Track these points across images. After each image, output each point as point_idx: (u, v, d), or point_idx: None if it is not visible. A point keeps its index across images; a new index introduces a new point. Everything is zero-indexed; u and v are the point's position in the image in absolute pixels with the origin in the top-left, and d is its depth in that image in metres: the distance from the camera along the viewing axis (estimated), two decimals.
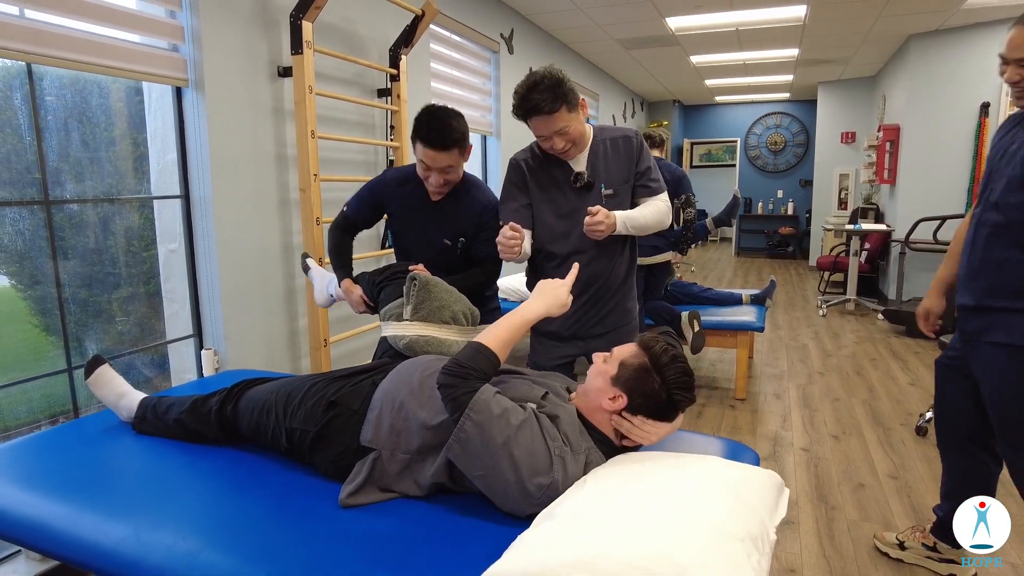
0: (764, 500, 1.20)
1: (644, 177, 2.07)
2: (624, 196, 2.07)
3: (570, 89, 1.90)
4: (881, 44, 6.71)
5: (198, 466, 1.59)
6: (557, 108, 1.88)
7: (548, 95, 1.86)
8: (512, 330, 1.41)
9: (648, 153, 2.10)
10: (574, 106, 1.92)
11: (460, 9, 4.39)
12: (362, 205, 2.26)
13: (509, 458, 1.22)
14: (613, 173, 2.06)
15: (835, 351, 5.03)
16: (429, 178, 2.03)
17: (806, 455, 3.06)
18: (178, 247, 2.66)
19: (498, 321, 1.43)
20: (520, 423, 1.26)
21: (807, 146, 11.06)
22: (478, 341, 1.37)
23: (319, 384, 1.55)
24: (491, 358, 1.35)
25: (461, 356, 1.34)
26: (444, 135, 1.94)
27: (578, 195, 2.05)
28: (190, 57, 2.48)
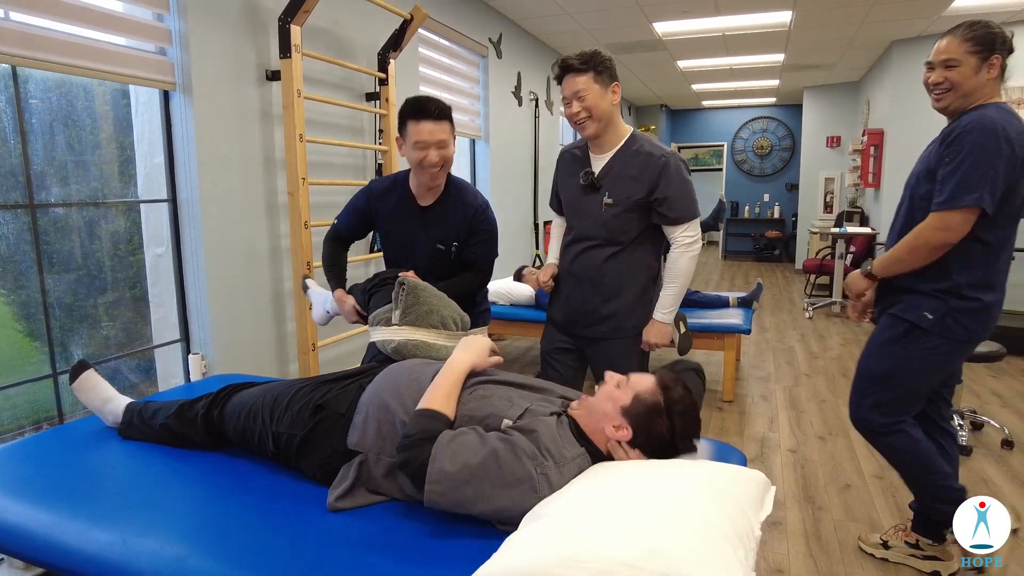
0: (749, 497, 1.21)
1: (663, 204, 2.05)
2: (629, 212, 2.08)
3: (604, 62, 2.02)
4: (865, 50, 6.79)
5: (184, 471, 1.58)
6: (584, 71, 2.00)
7: (582, 57, 2.01)
8: (449, 385, 1.42)
9: (676, 179, 2.05)
10: (603, 79, 2.02)
11: (448, 13, 4.40)
12: (351, 218, 2.26)
13: (488, 501, 1.21)
14: (622, 187, 2.08)
15: (821, 353, 5.07)
16: (427, 158, 2.00)
17: (793, 456, 3.08)
18: (165, 251, 2.64)
19: (433, 383, 1.42)
20: (484, 461, 1.22)
21: (793, 150, 11.16)
22: (419, 407, 1.36)
23: (306, 388, 1.55)
24: (436, 416, 1.33)
25: (408, 429, 1.31)
26: (436, 104, 2.00)
27: (582, 191, 2.16)
28: (177, 60, 2.47)
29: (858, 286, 2.00)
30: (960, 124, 1.75)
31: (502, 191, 5.41)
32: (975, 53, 1.77)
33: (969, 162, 1.69)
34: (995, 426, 3.29)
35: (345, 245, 2.31)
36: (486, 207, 2.22)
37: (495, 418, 1.37)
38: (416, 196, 2.17)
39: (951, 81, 1.80)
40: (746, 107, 11.43)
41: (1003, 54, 1.78)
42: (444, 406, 1.36)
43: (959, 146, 1.71)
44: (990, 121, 1.70)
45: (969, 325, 1.82)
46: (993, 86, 1.81)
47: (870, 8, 5.16)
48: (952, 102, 1.83)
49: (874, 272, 1.93)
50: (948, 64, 1.80)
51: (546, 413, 1.40)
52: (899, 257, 1.85)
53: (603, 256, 2.14)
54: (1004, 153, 1.68)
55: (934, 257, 1.79)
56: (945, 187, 1.73)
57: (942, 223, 1.74)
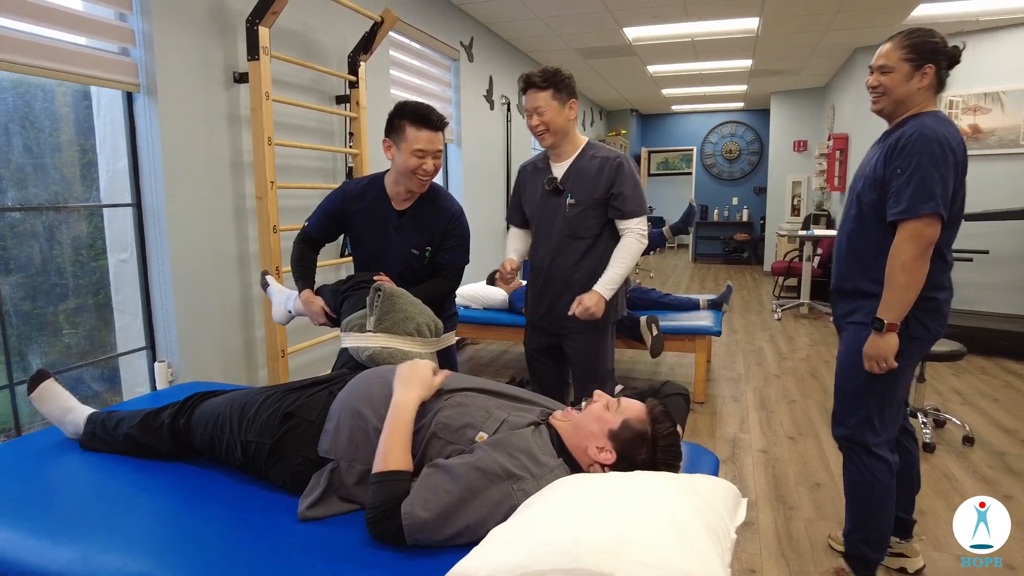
0: (725, 504, 1.22)
1: (617, 199, 2.29)
2: (591, 210, 2.32)
3: (564, 80, 2.22)
4: (829, 56, 6.94)
5: (149, 482, 1.53)
6: (545, 88, 2.20)
7: (543, 74, 2.20)
8: (401, 436, 1.31)
9: (628, 178, 2.28)
10: (561, 96, 2.23)
11: (420, 17, 4.38)
12: (322, 220, 2.23)
13: (471, 532, 1.18)
14: (584, 187, 2.31)
15: (790, 354, 5.15)
16: (423, 166, 2.01)
17: (764, 456, 3.12)
18: (130, 256, 2.58)
19: (384, 434, 1.31)
20: (459, 497, 1.18)
21: (761, 154, 11.35)
22: (376, 471, 1.26)
23: (275, 396, 1.52)
24: (396, 476, 1.24)
25: (371, 499, 1.22)
26: (437, 114, 2.02)
27: (547, 197, 2.37)
28: (141, 61, 2.41)
29: (890, 348, 1.79)
30: (905, 134, 1.77)
31: (474, 195, 5.40)
32: (908, 60, 1.79)
33: (921, 171, 1.71)
34: (956, 423, 3.38)
35: (315, 248, 2.28)
36: (461, 213, 2.22)
37: (472, 429, 1.35)
38: (392, 200, 2.15)
39: (884, 86, 1.83)
40: (715, 112, 11.59)
41: (938, 64, 1.79)
42: (401, 461, 1.27)
43: (909, 156, 1.73)
44: (932, 131, 1.73)
45: (929, 324, 1.85)
46: (926, 95, 1.82)
47: (834, 15, 5.27)
48: (885, 106, 1.86)
49: (892, 320, 1.78)
50: (883, 69, 1.83)
51: (524, 424, 1.39)
52: (901, 284, 1.75)
53: (575, 256, 2.36)
54: (950, 162, 1.72)
55: (926, 265, 1.75)
56: (901, 197, 1.74)
57: (911, 232, 1.73)
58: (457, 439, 1.34)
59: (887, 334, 1.78)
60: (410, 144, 1.98)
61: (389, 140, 2.05)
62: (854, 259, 1.92)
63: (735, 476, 2.91)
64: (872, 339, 1.82)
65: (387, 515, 1.19)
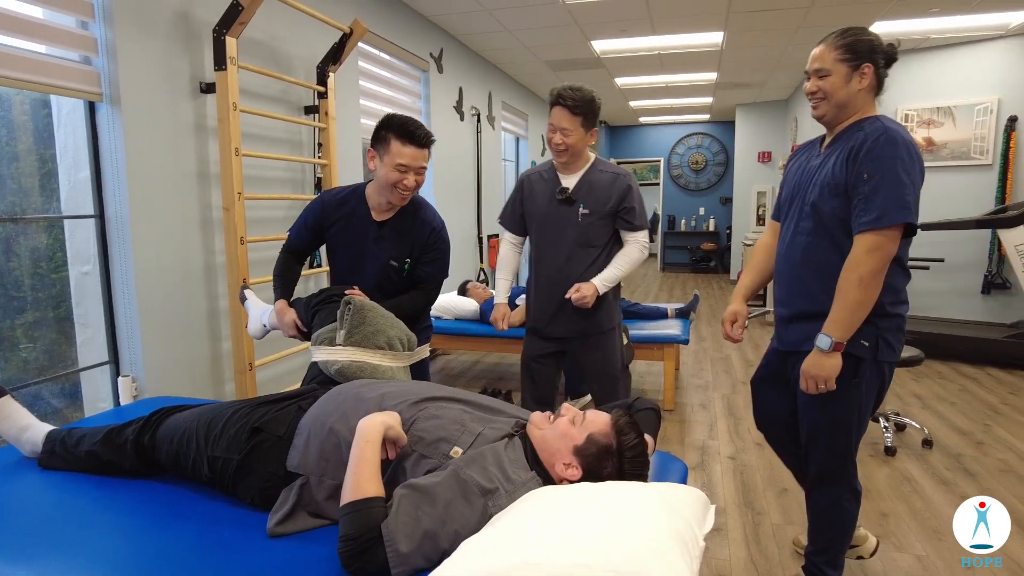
0: (694, 512, 1.24)
1: (627, 213, 2.45)
2: (602, 220, 2.45)
3: (595, 111, 2.36)
4: (792, 70, 7.12)
5: (112, 500, 1.50)
6: (576, 114, 2.31)
7: (580, 101, 2.30)
8: (369, 457, 1.25)
9: (636, 195, 2.46)
10: (588, 124, 2.37)
11: (389, 28, 4.38)
12: (302, 231, 2.22)
13: (449, 552, 1.14)
14: (596, 199, 2.44)
15: (757, 361, 5.22)
16: (403, 181, 2.01)
17: (732, 463, 3.17)
18: (92, 269, 2.52)
19: (353, 460, 1.25)
20: (438, 520, 1.15)
21: (727, 165, 11.56)
22: (346, 500, 1.19)
23: (242, 411, 1.50)
24: (369, 504, 1.18)
25: (344, 530, 1.16)
26: (424, 131, 2.02)
27: (557, 206, 2.46)
28: (104, 70, 2.37)
29: (832, 368, 1.67)
30: (869, 136, 1.64)
31: (445, 205, 5.41)
32: (844, 61, 1.69)
33: (893, 177, 1.59)
34: (916, 427, 3.47)
35: (300, 259, 2.27)
36: (443, 227, 2.23)
37: (446, 444, 1.34)
38: (373, 210, 2.14)
39: (823, 90, 1.73)
40: (682, 123, 11.78)
41: (876, 63, 1.69)
42: (373, 488, 1.21)
43: (877, 160, 1.60)
44: (898, 135, 1.62)
45: (895, 343, 1.74)
46: (867, 97, 1.73)
47: (795, 31, 5.42)
48: (827, 112, 1.76)
49: (839, 339, 1.65)
50: (819, 73, 1.73)
51: (498, 437, 1.38)
52: (855, 300, 1.62)
53: (586, 262, 2.46)
54: (917, 168, 1.63)
55: (882, 281, 1.63)
56: (871, 205, 1.60)
57: (875, 244, 1.60)
58: (432, 453, 1.33)
59: (832, 354, 1.65)
60: (393, 158, 1.98)
61: (374, 151, 2.05)
62: (814, 276, 1.76)
63: (704, 483, 2.95)
64: (815, 357, 1.68)
65: (366, 549, 1.12)
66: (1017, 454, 3.23)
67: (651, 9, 4.79)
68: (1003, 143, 5.51)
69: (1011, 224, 4.77)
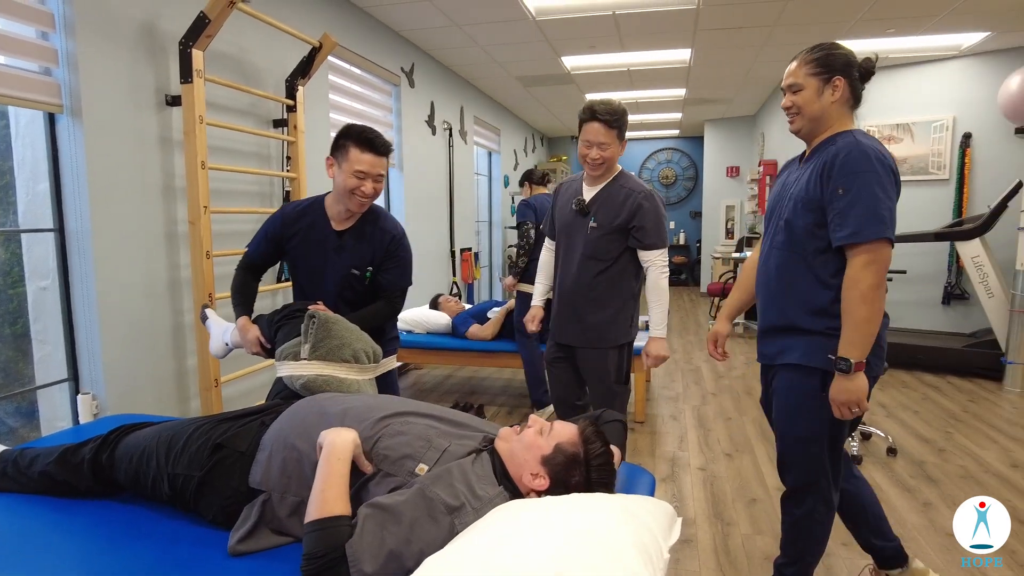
0: (660, 524, 1.24)
1: (638, 232, 2.43)
2: (610, 236, 2.44)
3: (626, 123, 2.40)
4: (758, 86, 7.29)
5: (67, 522, 1.45)
6: (613, 126, 2.34)
7: (613, 114, 2.33)
8: (336, 474, 1.22)
9: (649, 213, 2.41)
10: (622, 136, 2.40)
11: (360, 42, 4.39)
12: (262, 244, 2.19)
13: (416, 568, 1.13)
14: (607, 213, 2.44)
15: (726, 372, 5.30)
16: (361, 187, 2.03)
17: (702, 474, 3.19)
18: (51, 284, 2.46)
19: (319, 477, 1.22)
20: (403, 539, 1.13)
21: (696, 180, 11.74)
22: (311, 518, 1.16)
23: (204, 427, 1.47)
24: (334, 522, 1.16)
25: (308, 548, 1.13)
26: (382, 139, 2.05)
27: (574, 215, 2.50)
28: (65, 81, 2.33)
29: (860, 389, 1.64)
30: (841, 151, 1.63)
31: (417, 219, 5.40)
32: (815, 75, 1.71)
33: (868, 192, 1.58)
34: (881, 435, 3.54)
35: (257, 274, 2.24)
36: (403, 235, 2.24)
37: (411, 461, 1.32)
38: (332, 220, 2.14)
39: (796, 105, 1.75)
40: (652, 139, 11.95)
41: (849, 76, 1.71)
42: (340, 506, 1.18)
43: (851, 176, 1.60)
44: (872, 149, 1.62)
45: (872, 359, 1.69)
46: (842, 110, 1.74)
47: (760, 49, 5.55)
48: (803, 126, 1.77)
49: (858, 359, 1.62)
50: (792, 88, 1.76)
51: (464, 453, 1.37)
52: (862, 318, 1.61)
53: (591, 274, 2.47)
54: (892, 181, 1.63)
55: (883, 293, 1.62)
56: (846, 220, 1.60)
57: (867, 258, 1.59)
58: (396, 471, 1.31)
59: (855, 375, 1.62)
60: (351, 164, 2.00)
61: (332, 159, 2.08)
62: (785, 292, 1.77)
63: (675, 494, 2.96)
64: (840, 382, 1.64)
65: (332, 564, 1.10)
66: (976, 460, 3.31)
67: (619, 26, 4.87)
68: (959, 159, 5.69)
69: (967, 236, 4.92)
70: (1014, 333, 4.59)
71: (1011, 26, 4.91)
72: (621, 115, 2.36)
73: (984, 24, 4.90)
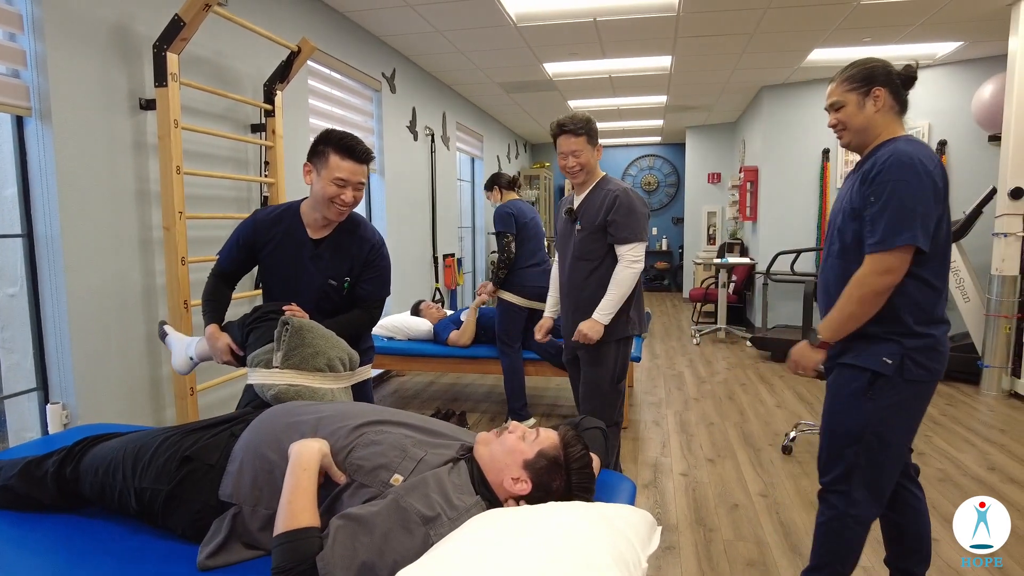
0: (638, 534, 1.22)
1: (611, 226, 2.55)
2: (593, 235, 2.59)
3: (593, 128, 2.56)
4: (738, 93, 7.35)
5: (29, 538, 1.40)
6: (580, 134, 2.52)
7: (578, 123, 2.52)
8: (304, 485, 1.20)
9: (621, 207, 2.53)
10: (593, 141, 2.56)
11: (340, 47, 4.35)
12: (233, 251, 2.13)
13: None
14: (589, 216, 2.60)
15: (709, 377, 5.31)
16: (341, 196, 1.97)
17: (685, 480, 3.18)
18: (19, 291, 2.40)
19: (287, 488, 1.20)
20: (376, 551, 1.10)
21: (678, 186, 11.81)
22: (280, 531, 1.14)
23: (172, 438, 1.43)
24: (303, 534, 1.13)
25: (275, 563, 1.10)
26: (363, 147, 2.00)
27: (568, 224, 2.70)
28: (33, 84, 2.28)
29: (812, 360, 1.81)
30: (877, 160, 1.69)
31: (398, 225, 5.36)
32: (854, 90, 1.78)
33: (896, 200, 1.63)
34: None
35: (230, 282, 2.19)
36: (382, 244, 2.19)
37: (386, 471, 1.29)
38: (308, 228, 2.09)
39: (841, 121, 1.82)
40: (633, 146, 12.01)
41: (887, 86, 1.75)
42: (308, 518, 1.16)
43: (882, 184, 1.65)
44: (907, 156, 1.65)
45: (927, 364, 1.71)
46: (887, 118, 1.77)
47: (739, 57, 5.59)
48: (851, 140, 1.83)
49: (826, 339, 1.77)
50: (834, 106, 1.83)
51: (440, 462, 1.34)
52: (850, 313, 1.71)
53: (583, 275, 2.63)
54: (928, 187, 1.64)
55: (883, 302, 1.69)
56: (876, 228, 1.66)
57: (880, 266, 1.66)
58: (371, 481, 1.28)
59: (817, 349, 1.80)
60: (331, 172, 1.94)
61: (311, 165, 2.01)
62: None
63: (657, 500, 2.95)
64: (803, 346, 1.83)
65: None
66: (954, 463, 3.34)
67: (600, 33, 4.88)
68: None
69: None
70: (990, 337, 4.65)
71: (984, 36, 5.00)
72: (585, 122, 2.53)
73: (958, 34, 4.98)
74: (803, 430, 3.71)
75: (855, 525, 1.82)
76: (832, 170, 6.62)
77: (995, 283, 4.59)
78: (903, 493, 1.94)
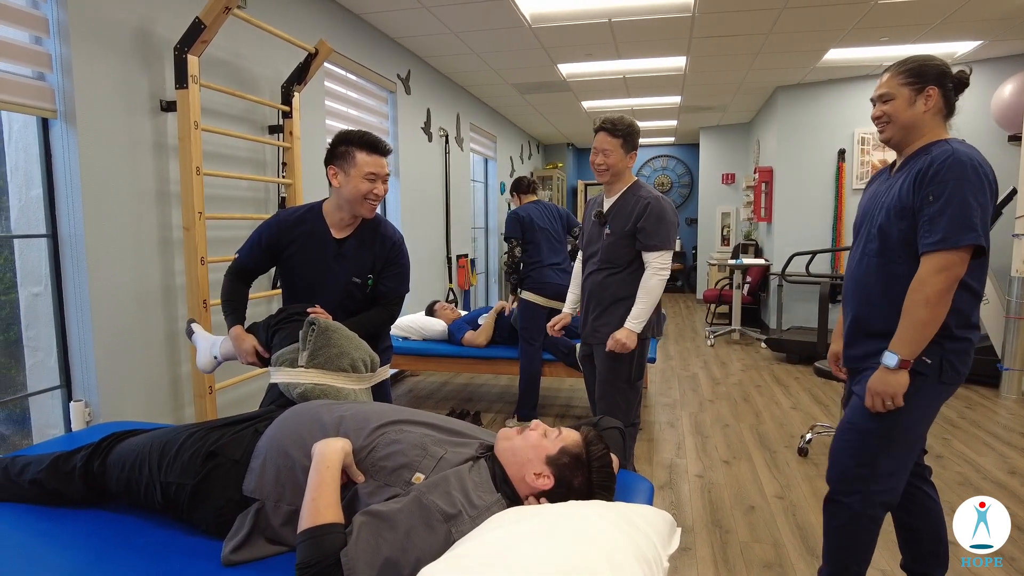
0: (659, 533, 1.23)
1: (640, 233, 2.57)
2: (622, 241, 2.60)
3: (633, 134, 2.60)
4: (753, 94, 7.31)
5: (58, 532, 1.43)
6: (616, 135, 2.55)
7: (619, 123, 2.56)
8: (328, 482, 1.22)
9: (651, 215, 2.54)
10: (628, 146, 2.59)
11: (356, 49, 4.38)
12: (255, 250, 2.16)
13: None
14: (619, 221, 2.61)
15: (723, 379, 5.29)
16: (374, 190, 2.05)
17: (700, 481, 3.17)
18: (44, 290, 2.44)
19: (311, 485, 1.22)
20: (399, 548, 1.12)
21: (691, 187, 11.77)
22: (303, 528, 1.16)
23: (197, 434, 1.45)
24: (327, 531, 1.15)
25: (300, 558, 1.12)
26: (383, 141, 2.08)
27: (596, 226, 2.71)
28: (58, 87, 2.32)
29: (897, 384, 1.68)
30: (936, 159, 1.65)
31: (413, 225, 5.39)
32: (908, 85, 1.74)
33: (959, 199, 1.60)
34: None
35: (246, 280, 2.22)
36: (402, 241, 2.25)
37: (408, 470, 1.30)
38: (332, 228, 2.12)
39: (888, 114, 1.78)
40: (647, 146, 11.98)
41: (941, 86, 1.73)
42: (332, 514, 1.18)
43: (943, 183, 1.62)
44: (967, 157, 1.63)
45: (960, 366, 1.72)
46: (934, 120, 1.75)
47: (754, 57, 5.57)
48: (893, 135, 1.80)
49: (905, 356, 1.66)
50: (883, 98, 1.79)
51: (461, 460, 1.35)
52: (921, 320, 1.64)
53: (604, 276, 2.65)
54: (986, 189, 1.63)
55: (950, 300, 1.64)
56: (936, 227, 1.62)
57: (942, 264, 1.61)
58: (393, 481, 1.30)
59: (899, 371, 1.67)
60: (361, 169, 2.01)
61: (335, 167, 2.05)
62: (880, 297, 1.78)
63: (672, 502, 2.95)
64: (881, 374, 1.69)
65: (326, 572, 1.09)
66: (974, 467, 3.30)
67: (615, 34, 4.88)
68: None
69: None
70: (1010, 339, 4.60)
71: (1003, 35, 4.94)
72: (626, 126, 2.56)
73: (977, 33, 4.93)
74: (819, 432, 3.69)
75: (871, 524, 1.83)
76: (848, 171, 6.57)
77: (1015, 285, 4.54)
78: (918, 495, 1.94)
